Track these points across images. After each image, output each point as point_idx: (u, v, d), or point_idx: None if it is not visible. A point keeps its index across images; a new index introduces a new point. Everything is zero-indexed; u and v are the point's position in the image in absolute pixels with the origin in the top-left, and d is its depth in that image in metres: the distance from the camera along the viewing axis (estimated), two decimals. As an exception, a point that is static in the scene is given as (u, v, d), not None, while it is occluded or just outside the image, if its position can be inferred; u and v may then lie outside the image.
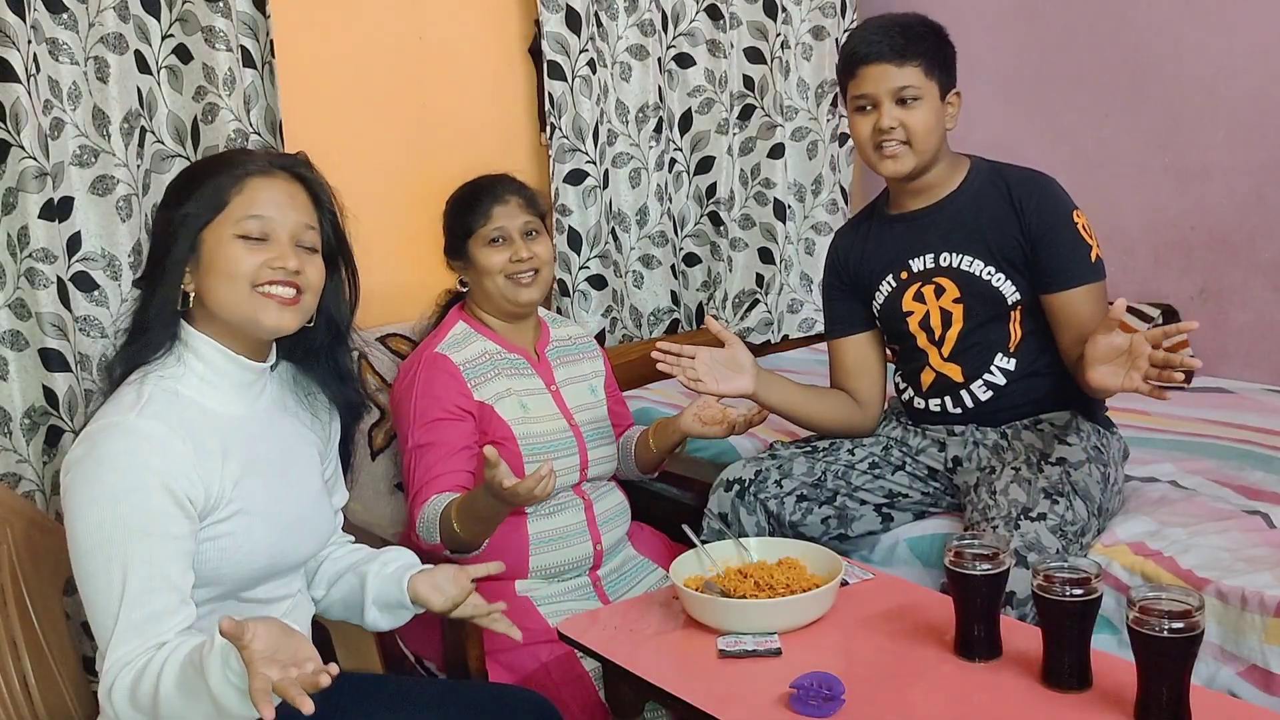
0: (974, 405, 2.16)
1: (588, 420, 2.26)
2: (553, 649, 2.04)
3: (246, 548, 1.55)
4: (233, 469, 1.53)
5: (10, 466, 2.05)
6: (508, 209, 2.19)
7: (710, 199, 3.31)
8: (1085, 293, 2.05)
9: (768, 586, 1.79)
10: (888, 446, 2.26)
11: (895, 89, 2.04)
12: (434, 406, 2.09)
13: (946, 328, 2.15)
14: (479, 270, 2.18)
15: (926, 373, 2.20)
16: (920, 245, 2.16)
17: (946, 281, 2.14)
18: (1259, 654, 1.79)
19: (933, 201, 2.16)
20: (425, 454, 2.07)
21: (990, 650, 1.63)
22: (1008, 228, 2.08)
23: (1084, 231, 2.07)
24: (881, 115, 2.06)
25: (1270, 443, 2.43)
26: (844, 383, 2.29)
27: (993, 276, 2.10)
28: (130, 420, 1.47)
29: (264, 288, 1.54)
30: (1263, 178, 2.90)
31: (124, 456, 1.45)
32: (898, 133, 2.06)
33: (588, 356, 2.37)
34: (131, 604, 1.42)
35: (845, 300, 2.29)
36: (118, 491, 1.43)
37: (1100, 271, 2.08)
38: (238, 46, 2.24)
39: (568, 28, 2.90)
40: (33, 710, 1.73)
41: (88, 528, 1.43)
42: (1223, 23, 2.92)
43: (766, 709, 1.54)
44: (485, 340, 2.20)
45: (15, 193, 1.99)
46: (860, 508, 2.21)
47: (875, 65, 2.05)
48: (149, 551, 1.43)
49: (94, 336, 2.14)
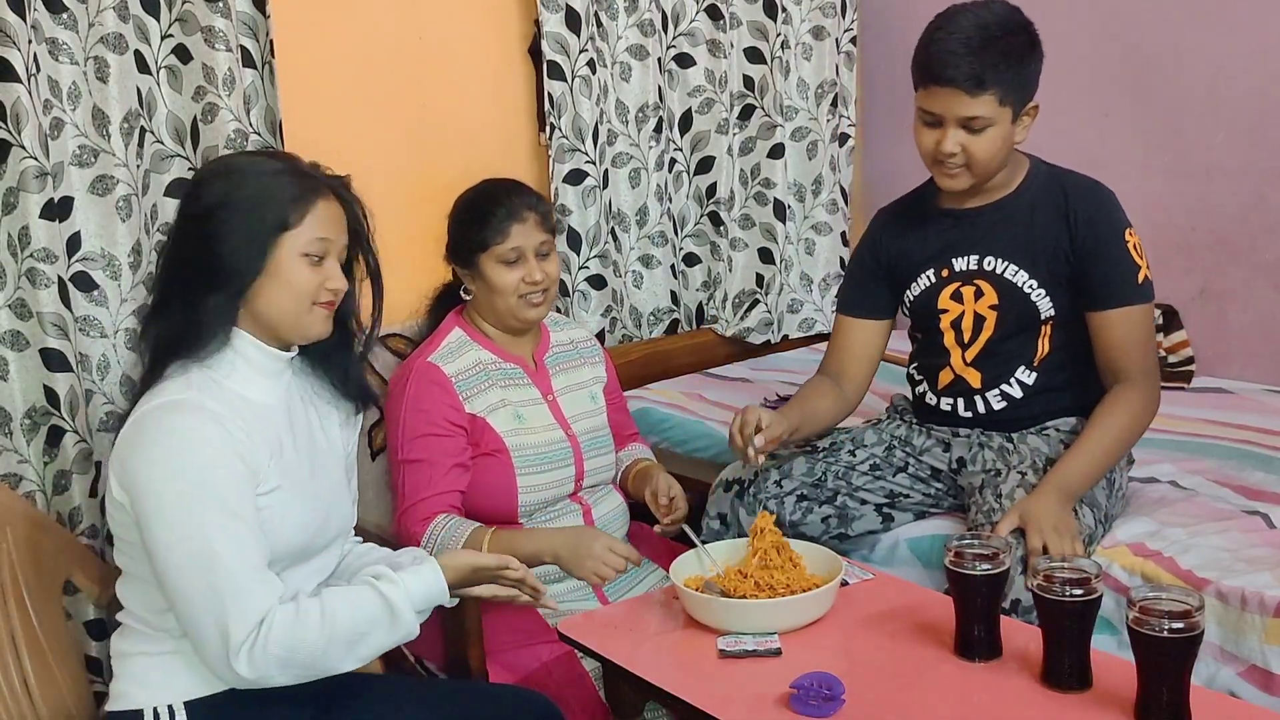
0: (986, 412, 2.15)
1: (586, 430, 2.23)
2: (553, 649, 2.04)
3: (284, 522, 1.61)
4: (270, 450, 1.61)
5: (11, 467, 2.05)
6: (525, 227, 2.11)
7: (710, 199, 3.31)
8: (1127, 314, 2.01)
9: (768, 586, 1.79)
10: (891, 446, 2.25)
11: (963, 117, 1.95)
12: (423, 421, 2.07)
13: (977, 332, 2.12)
14: (488, 285, 2.13)
15: (945, 372, 2.18)
16: (966, 244, 2.11)
17: (987, 286, 2.10)
18: (1259, 654, 1.79)
19: (986, 202, 2.10)
20: (415, 470, 2.05)
21: (990, 650, 1.63)
22: (1058, 238, 2.04)
23: (1134, 251, 2.02)
24: (945, 138, 1.97)
25: (1270, 443, 2.43)
26: (842, 362, 2.25)
27: (1033, 291, 2.07)
28: (193, 397, 1.55)
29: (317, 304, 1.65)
30: (1263, 178, 2.90)
31: (197, 430, 1.53)
32: (958, 157, 1.99)
33: (589, 361, 2.33)
34: (237, 563, 1.50)
35: (873, 282, 2.24)
36: (198, 462, 1.51)
37: (1146, 294, 2.03)
38: (237, 46, 2.24)
39: (567, 28, 2.90)
40: (33, 710, 1.73)
41: (171, 501, 1.50)
42: (1223, 23, 2.92)
43: (766, 709, 1.54)
44: (481, 350, 2.17)
45: (16, 192, 1.99)
46: (861, 507, 2.21)
47: (947, 88, 1.94)
48: (241, 511, 1.52)
49: (94, 336, 2.14)
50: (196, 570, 1.49)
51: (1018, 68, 1.96)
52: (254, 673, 1.50)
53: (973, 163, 1.99)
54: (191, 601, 1.50)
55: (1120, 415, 2.00)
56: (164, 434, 1.53)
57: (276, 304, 1.61)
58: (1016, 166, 2.11)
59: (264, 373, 1.66)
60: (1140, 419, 2.03)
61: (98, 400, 2.15)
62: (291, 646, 1.51)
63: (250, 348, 1.64)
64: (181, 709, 1.60)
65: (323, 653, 1.54)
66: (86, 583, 1.87)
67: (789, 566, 1.83)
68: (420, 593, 1.63)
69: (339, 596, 1.59)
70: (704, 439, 2.75)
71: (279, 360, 1.67)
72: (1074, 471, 1.94)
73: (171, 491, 1.50)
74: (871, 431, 2.29)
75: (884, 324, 2.26)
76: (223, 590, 1.49)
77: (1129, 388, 2.02)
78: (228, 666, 1.50)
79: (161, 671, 1.61)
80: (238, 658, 1.49)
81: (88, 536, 2.11)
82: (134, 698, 1.62)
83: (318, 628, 1.53)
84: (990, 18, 1.95)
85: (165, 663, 1.61)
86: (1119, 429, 2.00)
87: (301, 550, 1.67)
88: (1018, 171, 2.11)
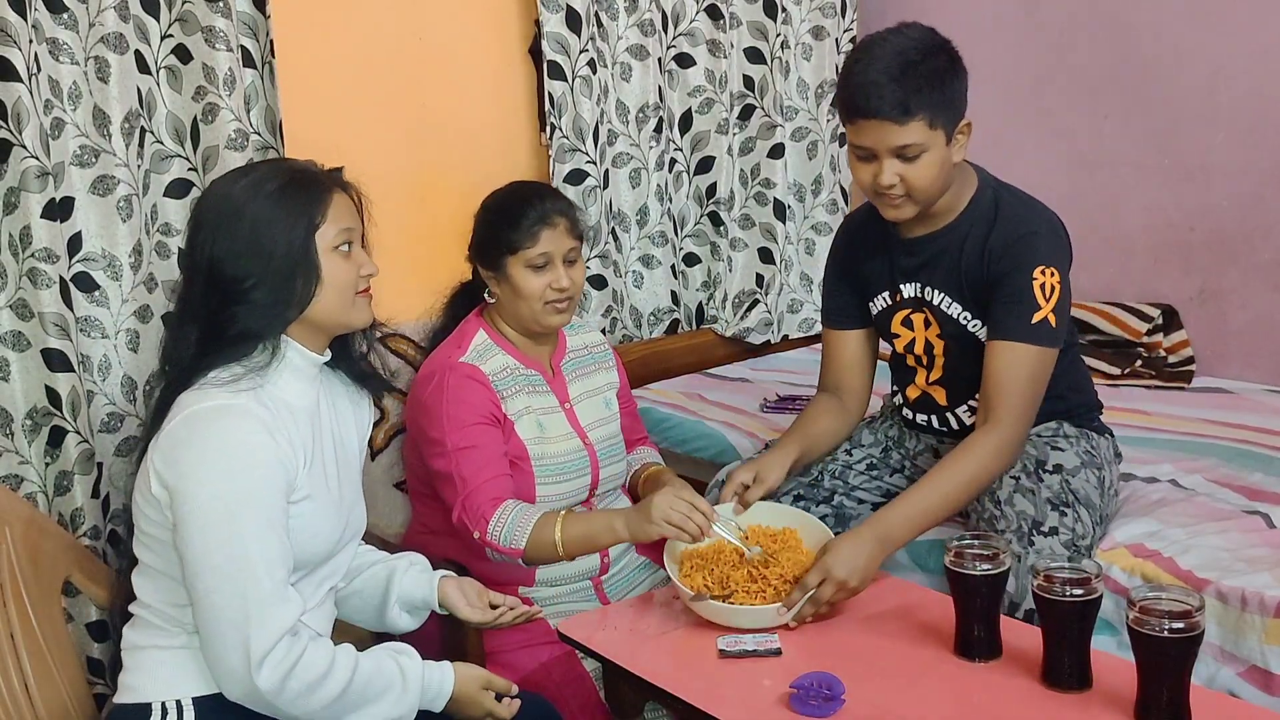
0: (959, 427, 2.14)
1: (601, 438, 2.20)
2: (553, 649, 2.04)
3: (312, 531, 1.63)
4: (304, 456, 1.63)
5: (12, 468, 2.05)
6: (555, 233, 2.07)
7: (710, 199, 3.31)
8: (1011, 349, 1.93)
9: (760, 577, 1.79)
10: (886, 448, 2.26)
11: (896, 147, 1.89)
12: (468, 411, 2.03)
13: (932, 358, 2.12)
14: (514, 289, 2.08)
15: (913, 389, 2.18)
16: (910, 272, 2.09)
17: (931, 316, 2.09)
18: (1259, 654, 1.79)
19: (930, 231, 2.05)
20: (469, 456, 2.00)
21: (990, 650, 1.63)
22: (976, 268, 2.00)
23: (1039, 290, 1.93)
24: (882, 170, 1.91)
25: (1270, 443, 2.43)
26: (836, 375, 2.23)
27: (968, 322, 2.03)
28: (245, 403, 1.57)
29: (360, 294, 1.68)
30: (1262, 178, 2.90)
31: (249, 438, 1.54)
32: (898, 188, 1.93)
33: (603, 367, 2.30)
34: (267, 575, 1.51)
35: (844, 292, 2.21)
36: (247, 471, 1.53)
37: (1040, 336, 1.92)
38: (238, 46, 2.24)
39: (568, 28, 2.90)
40: (33, 710, 1.73)
41: (216, 507, 1.51)
42: (1222, 23, 2.92)
43: (766, 709, 1.54)
44: (505, 354, 2.13)
45: (17, 192, 1.99)
46: (858, 506, 2.21)
47: (873, 120, 1.88)
48: (277, 522, 1.55)
49: (94, 337, 2.14)
50: (229, 577, 1.50)
51: (941, 88, 1.89)
52: (270, 686, 1.50)
53: (913, 190, 1.93)
54: (217, 607, 1.51)
55: (967, 465, 1.91)
56: (217, 438, 1.54)
57: (323, 304, 1.63)
58: (963, 188, 2.03)
59: (303, 377, 1.67)
60: (988, 469, 1.93)
61: (99, 401, 2.15)
62: (314, 683, 1.53)
63: (294, 353, 1.65)
64: (190, 705, 1.60)
65: (336, 699, 1.56)
66: (86, 584, 1.86)
67: (789, 550, 1.86)
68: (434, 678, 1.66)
69: (367, 658, 1.62)
70: (704, 439, 2.75)
71: (317, 364, 1.69)
72: (897, 518, 1.86)
73: (218, 497, 1.51)
74: (868, 431, 2.29)
75: (867, 331, 2.22)
76: (250, 600, 1.50)
77: (986, 433, 1.93)
78: (246, 675, 1.50)
79: (172, 666, 1.61)
80: (259, 670, 1.49)
81: (90, 538, 2.10)
82: (143, 690, 1.62)
83: (344, 678, 1.56)
84: (906, 43, 1.90)
85: (176, 657, 1.61)
86: (959, 482, 1.91)
87: (324, 557, 1.69)
88: (964, 193, 2.04)
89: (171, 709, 1.59)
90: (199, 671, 1.60)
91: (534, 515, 1.96)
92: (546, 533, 1.93)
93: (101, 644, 2.14)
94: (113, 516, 2.15)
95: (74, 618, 2.09)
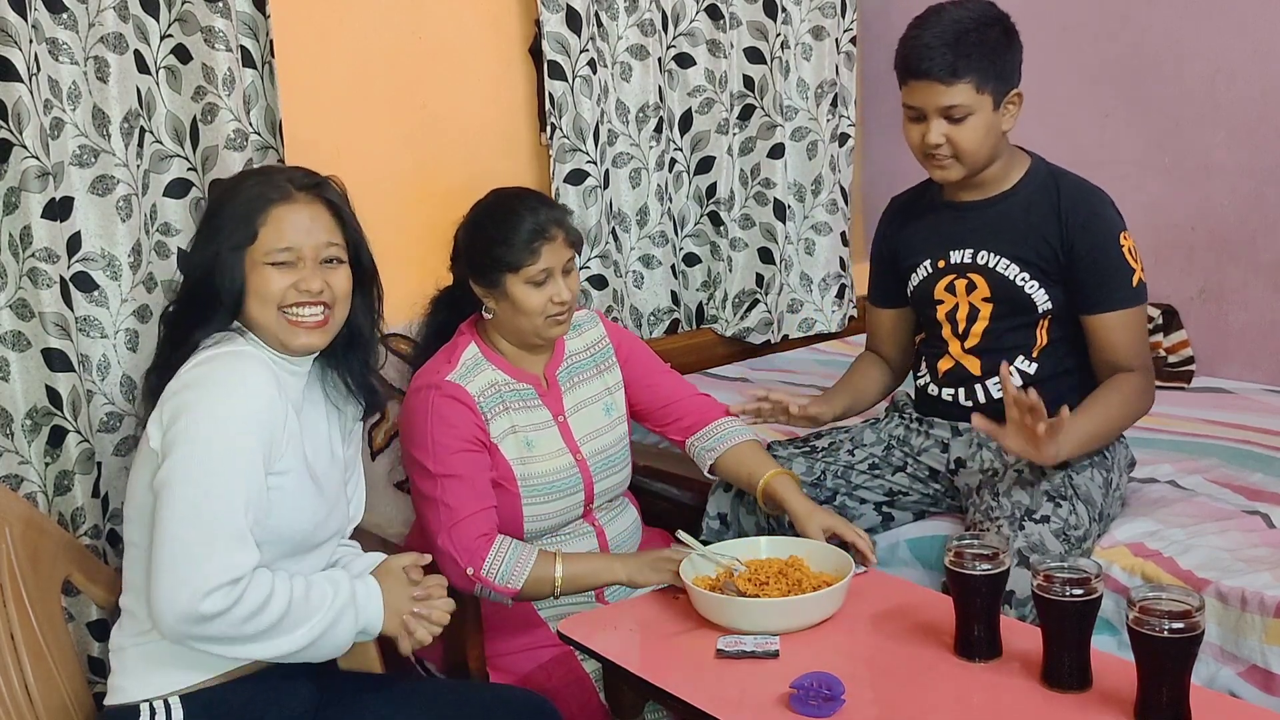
0: (986, 402, 2.15)
1: (596, 450, 2.16)
2: (553, 649, 2.04)
3: (294, 504, 1.65)
4: (292, 428, 1.65)
5: (12, 468, 2.05)
6: (554, 246, 2.02)
7: (710, 199, 3.31)
8: (1122, 317, 2.06)
9: (761, 584, 1.79)
10: (889, 446, 2.26)
11: (943, 107, 2.00)
12: (454, 437, 2.00)
13: (971, 323, 2.16)
14: (514, 306, 2.03)
15: (945, 360, 2.20)
16: (962, 238, 2.15)
17: (979, 279, 2.13)
18: (1259, 654, 1.79)
19: (984, 196, 2.14)
20: (457, 485, 1.99)
21: (990, 650, 1.63)
22: (1050, 237, 2.07)
23: (1129, 255, 2.06)
24: (929, 130, 2.03)
25: (1270, 443, 2.43)
26: (879, 345, 2.38)
27: (1026, 283, 2.09)
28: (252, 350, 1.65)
29: (292, 311, 1.67)
30: (1263, 178, 2.90)
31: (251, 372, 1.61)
32: (945, 148, 2.04)
33: (605, 368, 2.24)
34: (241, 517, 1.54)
35: (887, 273, 2.32)
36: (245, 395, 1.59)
37: (1140, 296, 2.08)
38: (237, 46, 2.24)
39: (568, 28, 2.90)
40: (33, 710, 1.73)
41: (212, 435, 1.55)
42: (1223, 23, 2.92)
43: (766, 709, 1.54)
44: (494, 370, 2.09)
45: (18, 192, 1.99)
46: (860, 506, 2.21)
47: (924, 81, 2.00)
48: (257, 474, 1.58)
49: (94, 337, 2.14)
50: (201, 506, 1.53)
51: (991, 56, 2.01)
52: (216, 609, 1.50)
53: (960, 152, 2.04)
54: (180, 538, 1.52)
55: (1122, 390, 2.04)
56: (224, 370, 1.60)
57: (254, 314, 1.68)
58: (1015, 162, 2.14)
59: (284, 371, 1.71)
60: (1143, 397, 2.07)
61: (99, 401, 2.15)
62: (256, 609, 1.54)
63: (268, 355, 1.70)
64: (178, 704, 1.60)
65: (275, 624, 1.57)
66: (86, 583, 1.87)
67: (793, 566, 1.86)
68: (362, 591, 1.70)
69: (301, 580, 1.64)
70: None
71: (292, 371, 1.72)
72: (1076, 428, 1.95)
73: (216, 418, 1.56)
74: (870, 431, 2.29)
75: (908, 310, 2.33)
76: (216, 530, 1.52)
77: (1129, 377, 2.06)
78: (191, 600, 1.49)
79: (156, 662, 1.62)
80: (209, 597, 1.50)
81: (89, 537, 2.10)
82: (129, 691, 1.63)
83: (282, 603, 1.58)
84: (965, 14, 2.02)
85: (160, 651, 1.61)
86: (1119, 403, 2.04)
87: (303, 540, 1.70)
88: (1016, 168, 2.14)
89: (160, 709, 1.60)
90: (184, 665, 1.60)
91: (531, 554, 1.96)
92: (546, 570, 1.95)
93: (102, 643, 2.14)
94: (112, 516, 2.15)
95: (74, 617, 2.09)
